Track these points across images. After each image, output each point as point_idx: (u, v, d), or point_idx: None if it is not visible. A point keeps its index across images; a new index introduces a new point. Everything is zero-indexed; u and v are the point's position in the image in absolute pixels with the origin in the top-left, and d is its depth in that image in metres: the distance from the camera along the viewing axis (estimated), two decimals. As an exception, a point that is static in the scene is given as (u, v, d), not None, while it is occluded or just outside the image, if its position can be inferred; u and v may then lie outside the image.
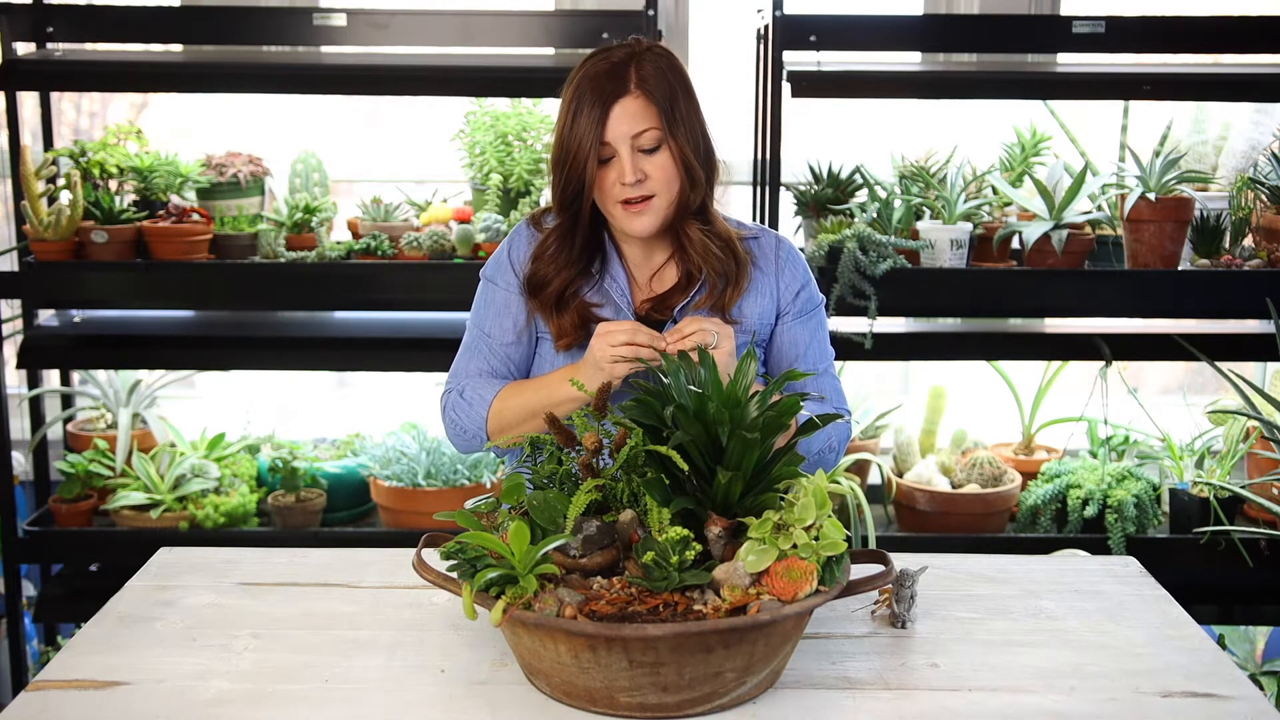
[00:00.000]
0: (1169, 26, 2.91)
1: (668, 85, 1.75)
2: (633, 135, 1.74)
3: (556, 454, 1.57)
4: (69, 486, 2.99)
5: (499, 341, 1.88)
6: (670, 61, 1.78)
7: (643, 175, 1.75)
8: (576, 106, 1.74)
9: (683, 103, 1.77)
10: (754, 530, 1.40)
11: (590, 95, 1.73)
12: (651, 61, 1.76)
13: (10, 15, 2.91)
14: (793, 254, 1.91)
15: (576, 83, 1.76)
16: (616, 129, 1.73)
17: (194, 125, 3.55)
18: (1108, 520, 2.84)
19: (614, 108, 1.73)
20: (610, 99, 1.73)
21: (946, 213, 2.78)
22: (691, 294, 1.83)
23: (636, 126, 1.74)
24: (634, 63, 1.75)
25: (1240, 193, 2.84)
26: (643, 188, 1.75)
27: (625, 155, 1.74)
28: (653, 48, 1.78)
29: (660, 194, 1.76)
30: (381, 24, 2.90)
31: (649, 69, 1.75)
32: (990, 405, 3.34)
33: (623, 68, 1.75)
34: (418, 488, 2.96)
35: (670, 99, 1.75)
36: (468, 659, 1.54)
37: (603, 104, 1.73)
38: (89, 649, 1.56)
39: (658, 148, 1.75)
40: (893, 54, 3.13)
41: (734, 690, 1.40)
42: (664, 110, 1.74)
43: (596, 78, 1.74)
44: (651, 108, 1.74)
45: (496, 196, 2.92)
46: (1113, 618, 1.67)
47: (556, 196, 1.81)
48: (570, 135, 1.75)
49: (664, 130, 1.74)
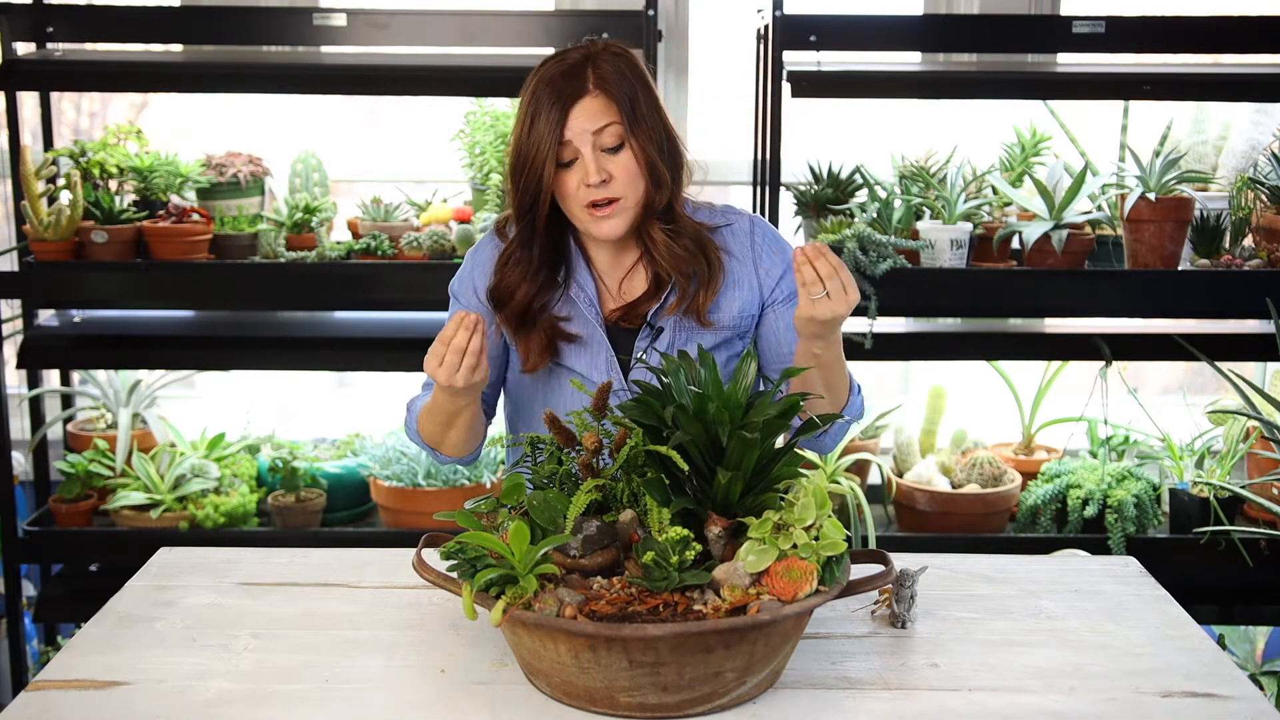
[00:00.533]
0: (1169, 26, 2.91)
1: (627, 83, 1.71)
2: (594, 132, 1.69)
3: (556, 454, 1.57)
4: (69, 486, 2.99)
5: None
6: (628, 60, 1.74)
7: (607, 175, 1.70)
8: (534, 110, 1.70)
9: (644, 101, 1.72)
10: (754, 530, 1.40)
11: (547, 98, 1.69)
12: (609, 61, 1.72)
13: (10, 15, 2.91)
14: (769, 235, 1.85)
15: (533, 87, 1.72)
16: (576, 126, 1.69)
17: (194, 125, 3.55)
18: (1108, 520, 2.84)
19: (573, 108, 1.69)
20: (569, 100, 1.69)
21: (946, 213, 2.78)
22: (662, 298, 1.80)
23: (597, 123, 1.69)
24: (590, 63, 1.71)
25: (1240, 193, 2.84)
26: (608, 189, 1.71)
27: (588, 154, 1.69)
28: (609, 47, 1.74)
29: (626, 194, 1.72)
30: (381, 24, 2.90)
31: (607, 68, 1.71)
32: (990, 405, 3.34)
33: (579, 68, 1.71)
34: (418, 488, 2.96)
35: (630, 97, 1.71)
36: (468, 659, 1.54)
37: (561, 105, 1.68)
38: (89, 649, 1.56)
39: (620, 146, 1.71)
40: (893, 54, 3.13)
41: (734, 690, 1.40)
42: (624, 108, 1.70)
43: (553, 80, 1.70)
44: (612, 105, 1.70)
45: (496, 196, 2.92)
46: (1113, 618, 1.67)
47: (514, 203, 1.77)
48: (528, 140, 1.71)
49: (625, 127, 1.70)
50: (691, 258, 1.77)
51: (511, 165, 1.75)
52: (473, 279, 1.88)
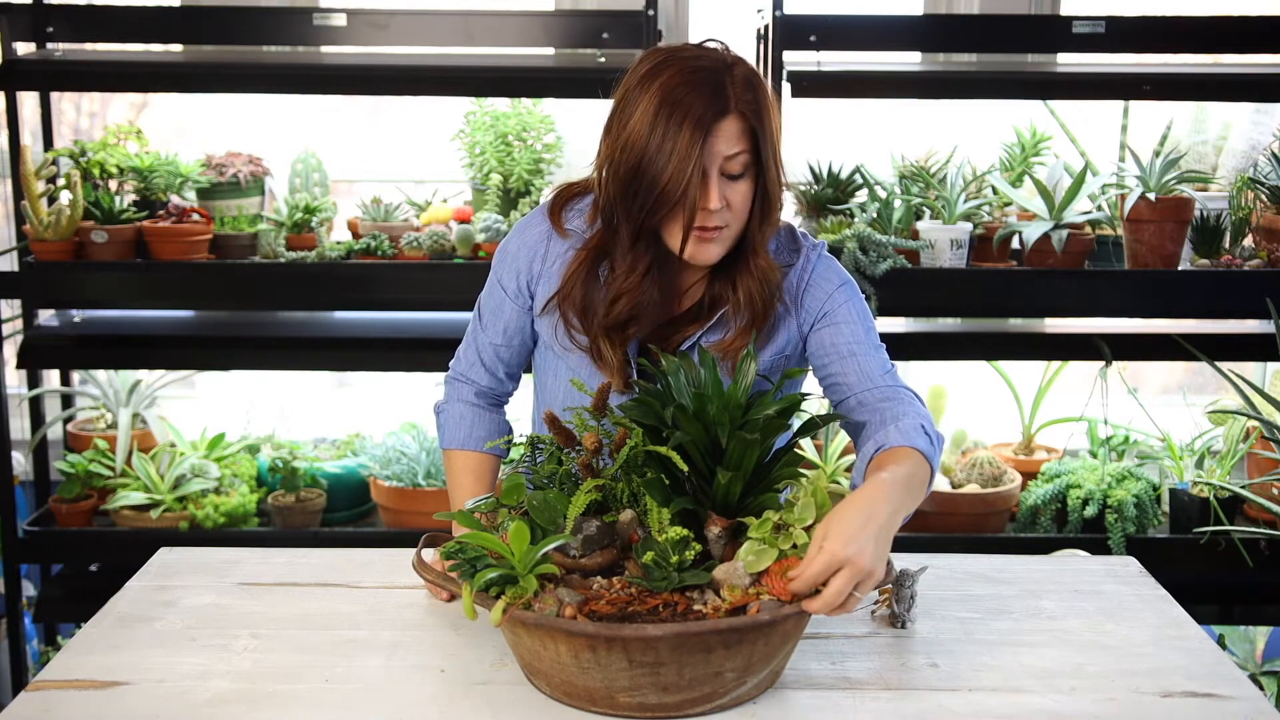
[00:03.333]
0: (1169, 26, 2.91)
1: (761, 106, 1.57)
2: (725, 157, 1.56)
3: (556, 454, 1.57)
4: (69, 486, 2.99)
5: (489, 340, 1.82)
6: (758, 77, 1.60)
7: (725, 203, 1.57)
8: (666, 117, 1.53)
9: (771, 130, 1.59)
10: (754, 530, 1.40)
11: (687, 110, 1.53)
12: (743, 78, 1.57)
13: (10, 15, 2.91)
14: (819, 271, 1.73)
15: (661, 90, 1.54)
16: (713, 149, 1.54)
17: (194, 125, 3.55)
18: (1108, 520, 2.84)
19: (715, 128, 1.53)
20: (712, 119, 1.53)
21: (946, 213, 2.78)
22: (704, 328, 1.69)
23: (731, 148, 1.55)
24: (729, 78, 1.56)
25: (1240, 193, 2.84)
26: (719, 216, 1.58)
27: (713, 178, 1.55)
28: (737, 60, 1.60)
29: (733, 224, 1.61)
30: (381, 24, 2.90)
31: (742, 87, 1.56)
32: (990, 405, 3.33)
33: (720, 79, 1.55)
34: (418, 488, 2.96)
35: (764, 121, 1.57)
36: (468, 659, 1.53)
37: (704, 125, 1.53)
38: (89, 649, 1.56)
39: (742, 175, 1.58)
40: (893, 54, 3.13)
41: (734, 690, 1.40)
42: (756, 135, 1.57)
43: (694, 87, 1.53)
44: (747, 132, 1.56)
45: (496, 196, 2.92)
46: (1113, 618, 1.67)
47: (626, 219, 1.60)
48: (656, 150, 1.53)
49: (752, 156, 1.58)
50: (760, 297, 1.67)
51: (626, 166, 1.57)
52: (517, 265, 1.77)
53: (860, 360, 1.68)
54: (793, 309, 1.73)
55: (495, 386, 1.87)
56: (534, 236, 1.77)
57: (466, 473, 1.84)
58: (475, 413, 1.85)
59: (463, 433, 1.84)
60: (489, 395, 1.87)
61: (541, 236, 1.76)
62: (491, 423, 1.87)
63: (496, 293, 1.81)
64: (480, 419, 1.85)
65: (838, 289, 1.73)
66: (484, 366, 1.85)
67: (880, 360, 1.70)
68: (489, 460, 1.85)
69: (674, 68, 1.56)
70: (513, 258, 1.79)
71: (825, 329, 1.72)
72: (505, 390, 1.89)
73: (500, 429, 1.87)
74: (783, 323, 1.73)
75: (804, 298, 1.73)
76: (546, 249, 1.76)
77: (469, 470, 1.84)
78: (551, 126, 3.03)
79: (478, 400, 1.86)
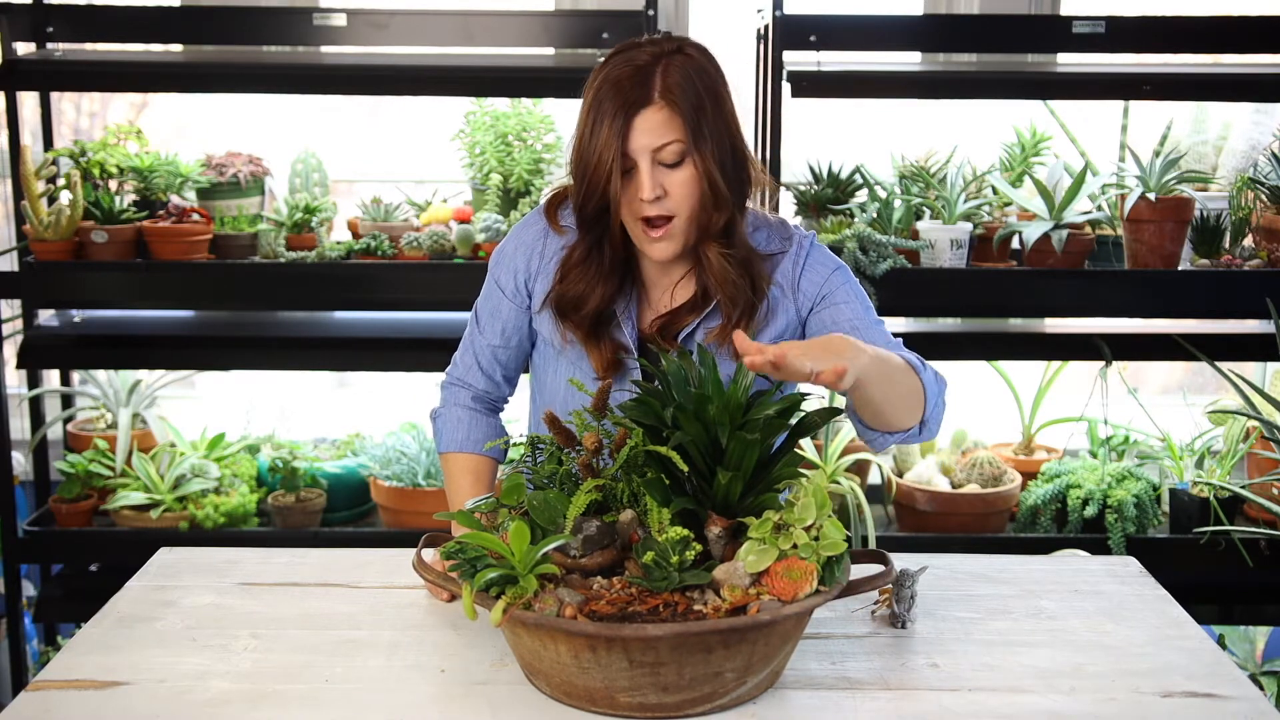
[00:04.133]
0: (1169, 26, 2.91)
1: (695, 94, 1.60)
2: (653, 149, 1.60)
3: (556, 454, 1.57)
4: (69, 486, 2.99)
5: (487, 342, 1.84)
6: (701, 64, 1.63)
7: (662, 192, 1.62)
8: (596, 114, 1.61)
9: (711, 113, 1.62)
10: (754, 530, 1.40)
11: (611, 102, 1.60)
12: (680, 66, 1.61)
13: (10, 15, 2.91)
14: (813, 257, 1.76)
15: (597, 86, 1.62)
16: (636, 141, 1.60)
17: (194, 125, 3.55)
18: (1108, 520, 2.84)
19: (636, 119, 1.59)
20: (633, 108, 1.59)
21: (946, 213, 2.78)
22: (701, 316, 1.72)
23: (657, 140, 1.60)
24: (660, 67, 1.60)
25: (1240, 193, 2.84)
26: (661, 205, 1.62)
27: (645, 169, 1.61)
28: (683, 48, 1.64)
29: (680, 212, 1.64)
30: (381, 24, 2.90)
31: (675, 76, 1.60)
32: (990, 405, 3.34)
33: (647, 73, 1.60)
34: (418, 488, 2.96)
35: (697, 109, 1.60)
36: (468, 659, 1.53)
37: (625, 113, 1.59)
38: (89, 649, 1.56)
39: (680, 162, 1.62)
40: (893, 54, 3.14)
41: (734, 690, 1.40)
42: (689, 123, 1.60)
43: (619, 82, 1.60)
44: (676, 119, 1.60)
45: (496, 196, 2.92)
46: (1113, 618, 1.67)
47: (578, 210, 1.68)
48: (590, 146, 1.62)
49: (688, 144, 1.60)
50: (743, 283, 1.69)
51: (574, 166, 1.66)
52: (514, 264, 1.80)
53: (863, 334, 1.69)
54: (790, 293, 1.76)
55: (492, 390, 1.88)
56: (531, 235, 1.80)
57: (466, 474, 1.84)
58: (472, 416, 1.86)
59: (460, 435, 1.85)
60: (485, 400, 1.88)
61: (538, 235, 1.80)
62: (489, 426, 1.87)
63: (494, 294, 1.83)
64: (477, 422, 1.86)
65: (834, 272, 1.77)
66: (481, 370, 1.86)
67: (883, 333, 1.73)
68: (487, 462, 1.85)
69: (610, 65, 1.63)
70: (510, 258, 1.81)
71: (825, 310, 1.75)
72: (502, 395, 1.90)
73: (497, 433, 1.87)
74: (780, 306, 1.75)
75: (801, 281, 1.76)
76: (544, 246, 1.79)
77: (468, 471, 1.84)
78: (551, 126, 3.03)
79: (474, 405, 1.87)
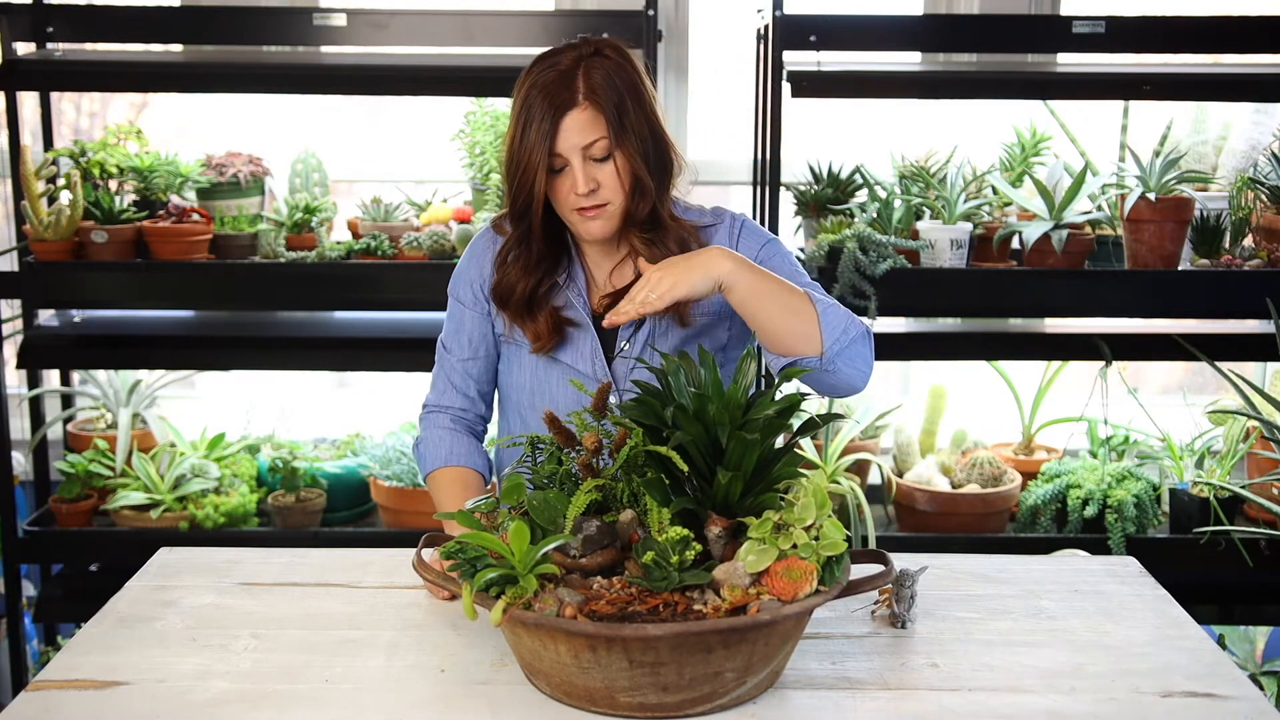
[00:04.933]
0: (1169, 26, 2.91)
1: (615, 92, 1.73)
2: (583, 147, 1.72)
3: (556, 454, 1.57)
4: (69, 486, 2.99)
5: (457, 358, 1.93)
6: (619, 64, 1.75)
7: (595, 184, 1.74)
8: (526, 117, 1.72)
9: (632, 109, 1.74)
10: (754, 530, 1.40)
11: (539, 106, 1.71)
12: (600, 68, 1.73)
13: (10, 15, 2.91)
14: (750, 229, 1.88)
15: (525, 91, 1.74)
16: (566, 141, 1.72)
17: (194, 125, 3.55)
18: (1108, 520, 2.84)
19: (563, 121, 1.71)
20: (559, 111, 1.71)
21: (946, 213, 2.78)
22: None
23: (586, 138, 1.72)
24: (582, 69, 1.72)
25: (1240, 193, 2.84)
26: (595, 197, 1.75)
27: (577, 166, 1.73)
28: (601, 49, 1.75)
29: (614, 199, 1.76)
30: (381, 24, 2.90)
31: (598, 77, 1.72)
32: (990, 405, 3.34)
33: (570, 76, 1.72)
34: (418, 488, 2.96)
35: (619, 107, 1.73)
36: (468, 659, 1.54)
37: (552, 116, 1.71)
38: (89, 649, 1.56)
39: (607, 157, 1.74)
40: (893, 54, 3.14)
41: (734, 690, 1.40)
42: (612, 120, 1.72)
43: (546, 87, 1.72)
44: (600, 118, 1.72)
45: (496, 196, 2.92)
46: (1113, 618, 1.67)
47: (508, 205, 1.81)
48: (520, 146, 1.73)
49: (611, 140, 1.72)
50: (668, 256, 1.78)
51: (505, 166, 1.78)
52: (468, 275, 1.92)
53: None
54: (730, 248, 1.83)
55: (469, 408, 1.94)
56: (480, 246, 1.93)
57: (454, 484, 1.87)
58: (453, 436, 1.92)
59: (443, 451, 1.90)
60: (463, 420, 1.94)
61: (486, 244, 1.92)
62: (471, 445, 1.92)
63: (456, 311, 1.93)
64: (459, 440, 1.91)
65: (767, 244, 1.88)
66: (455, 388, 1.93)
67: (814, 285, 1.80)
68: (474, 474, 1.89)
69: (535, 71, 1.75)
70: (464, 272, 1.93)
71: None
72: (479, 413, 1.96)
73: (478, 453, 1.92)
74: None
75: (739, 243, 1.86)
76: (492, 251, 1.90)
77: (456, 481, 1.87)
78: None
79: (454, 425, 1.93)
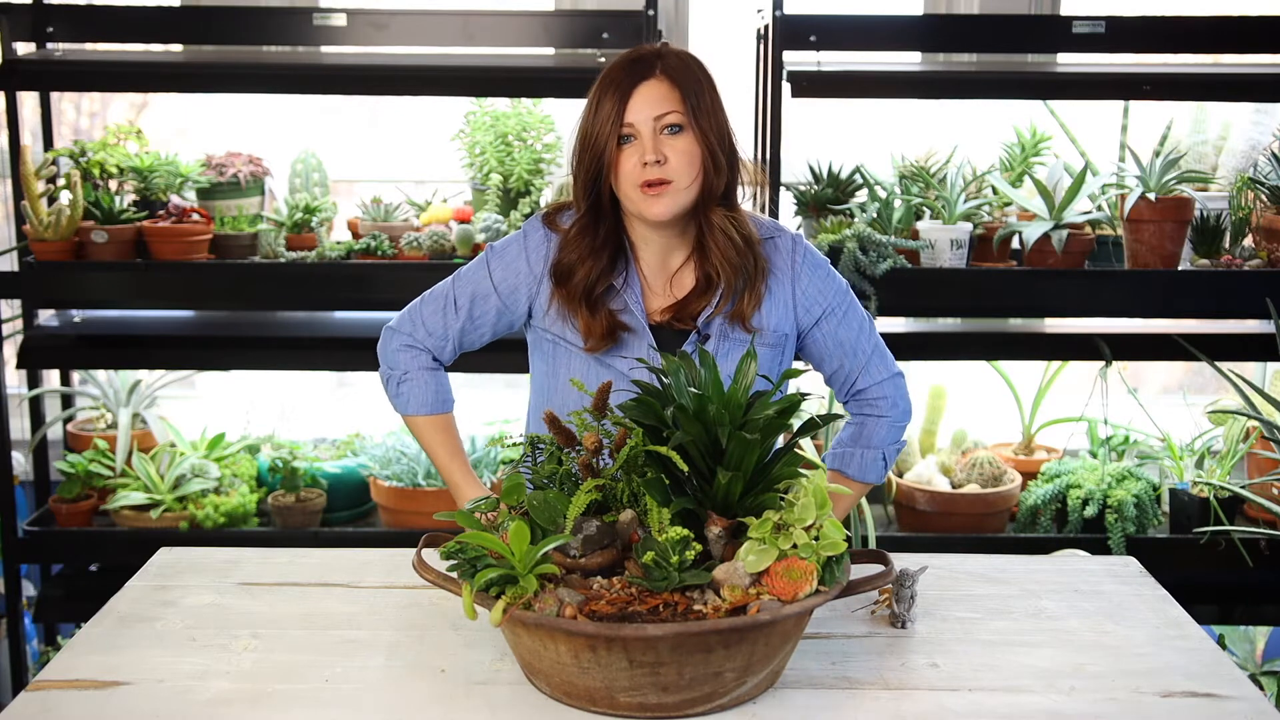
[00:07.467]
0: (1169, 26, 2.91)
1: (693, 77, 1.76)
2: (655, 116, 1.73)
3: (556, 454, 1.57)
4: (69, 486, 2.99)
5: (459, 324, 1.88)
6: (698, 61, 1.79)
7: (663, 156, 1.72)
8: (600, 96, 1.75)
9: (708, 95, 1.76)
10: (754, 530, 1.40)
11: (613, 83, 1.74)
12: (677, 55, 1.77)
13: (10, 15, 2.91)
14: (810, 255, 1.87)
15: (601, 78, 1.77)
16: (638, 111, 1.73)
17: (194, 125, 3.55)
18: (1108, 520, 2.84)
19: (636, 91, 1.73)
20: (633, 82, 1.73)
21: (946, 213, 2.78)
22: (713, 299, 1.80)
23: (659, 109, 1.73)
24: (659, 55, 1.77)
25: (1240, 193, 2.84)
26: (662, 170, 1.73)
27: (646, 134, 1.73)
28: (680, 51, 1.80)
29: (680, 178, 1.74)
30: (381, 24, 2.90)
31: (674, 60, 1.76)
32: (990, 405, 3.33)
33: (649, 57, 1.76)
34: (418, 488, 2.96)
35: (695, 88, 1.75)
36: (468, 659, 1.54)
37: (626, 88, 1.73)
38: (89, 649, 1.56)
39: (681, 129, 1.74)
40: (893, 54, 3.13)
41: (734, 690, 1.40)
42: (688, 97, 1.74)
43: (622, 65, 1.76)
44: (675, 92, 1.74)
45: (496, 196, 2.92)
46: (1113, 618, 1.67)
47: (579, 185, 1.80)
48: (592, 123, 1.75)
49: (687, 115, 1.73)
50: (743, 255, 1.79)
51: (576, 149, 1.78)
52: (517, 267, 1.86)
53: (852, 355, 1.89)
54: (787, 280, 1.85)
55: (441, 355, 1.94)
56: (535, 240, 1.87)
57: (439, 431, 1.93)
58: (437, 378, 1.93)
59: (431, 398, 1.92)
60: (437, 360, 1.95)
61: (541, 240, 1.86)
62: (446, 385, 1.95)
63: (484, 284, 1.88)
64: (441, 383, 1.94)
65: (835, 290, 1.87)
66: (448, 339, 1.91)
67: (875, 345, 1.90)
68: (450, 417, 1.95)
69: (613, 63, 1.78)
70: (514, 261, 1.87)
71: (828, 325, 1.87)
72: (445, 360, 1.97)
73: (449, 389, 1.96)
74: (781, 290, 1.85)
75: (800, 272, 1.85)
76: (546, 249, 1.85)
77: (442, 429, 1.93)
78: (551, 126, 3.03)
79: (434, 365, 1.93)
